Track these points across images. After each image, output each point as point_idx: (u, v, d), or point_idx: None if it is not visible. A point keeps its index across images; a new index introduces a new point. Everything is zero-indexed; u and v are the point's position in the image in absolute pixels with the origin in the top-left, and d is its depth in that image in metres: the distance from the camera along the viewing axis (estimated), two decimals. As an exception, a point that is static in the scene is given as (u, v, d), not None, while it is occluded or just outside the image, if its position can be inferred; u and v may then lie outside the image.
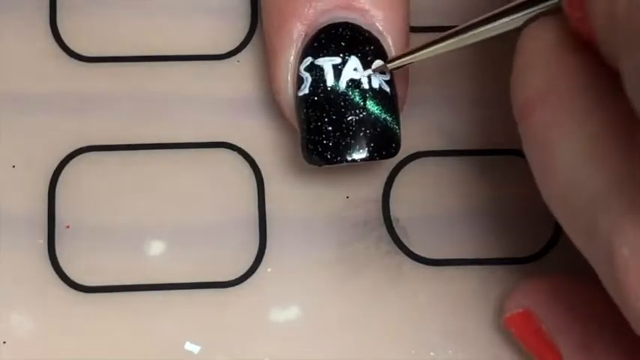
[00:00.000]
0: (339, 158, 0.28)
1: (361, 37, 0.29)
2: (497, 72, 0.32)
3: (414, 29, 0.31)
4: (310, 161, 0.29)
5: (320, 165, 0.28)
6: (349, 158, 0.28)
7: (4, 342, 0.29)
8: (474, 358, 0.29)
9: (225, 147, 0.31)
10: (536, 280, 0.28)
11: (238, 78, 0.32)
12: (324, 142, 0.28)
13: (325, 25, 0.29)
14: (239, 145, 0.31)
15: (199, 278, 0.30)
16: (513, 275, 0.30)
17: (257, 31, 0.32)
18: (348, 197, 0.31)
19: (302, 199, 0.31)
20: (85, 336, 0.29)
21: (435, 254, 0.30)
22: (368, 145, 0.28)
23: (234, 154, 0.31)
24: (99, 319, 0.30)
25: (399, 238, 0.30)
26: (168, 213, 0.31)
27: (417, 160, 0.31)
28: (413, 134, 0.31)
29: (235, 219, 0.31)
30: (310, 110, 0.28)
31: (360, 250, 0.30)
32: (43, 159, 0.31)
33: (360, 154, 0.28)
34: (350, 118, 0.28)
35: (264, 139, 0.31)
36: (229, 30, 0.32)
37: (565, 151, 0.22)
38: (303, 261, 0.30)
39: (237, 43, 0.32)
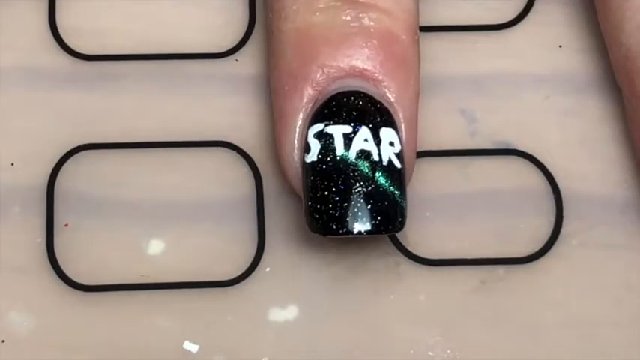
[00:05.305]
0: (344, 230, 0.27)
1: (373, 108, 0.28)
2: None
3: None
4: (314, 230, 0.28)
5: (324, 235, 0.28)
6: (355, 231, 0.27)
7: (3, 340, 0.29)
8: (473, 358, 0.30)
9: (224, 146, 0.31)
10: None
11: (237, 77, 0.32)
12: (330, 212, 0.27)
13: (337, 92, 0.28)
14: (237, 144, 0.31)
15: (198, 277, 0.30)
16: (513, 275, 0.30)
17: (255, 30, 0.32)
18: (347, 197, 0.31)
19: (301, 199, 0.31)
20: (83, 335, 0.29)
21: (433, 254, 0.30)
22: (375, 219, 0.27)
23: (233, 154, 0.31)
24: (97, 318, 0.29)
25: (397, 238, 0.30)
26: (167, 212, 0.30)
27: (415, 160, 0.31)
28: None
29: (233, 218, 0.31)
30: (317, 178, 0.28)
31: (358, 250, 0.30)
32: (41, 157, 0.31)
33: (365, 227, 0.27)
34: (358, 189, 0.27)
35: (262, 138, 0.31)
36: (227, 28, 0.32)
37: None
38: (302, 260, 0.30)
39: (236, 42, 0.32)
